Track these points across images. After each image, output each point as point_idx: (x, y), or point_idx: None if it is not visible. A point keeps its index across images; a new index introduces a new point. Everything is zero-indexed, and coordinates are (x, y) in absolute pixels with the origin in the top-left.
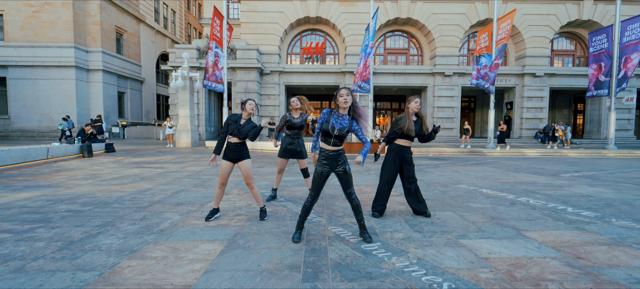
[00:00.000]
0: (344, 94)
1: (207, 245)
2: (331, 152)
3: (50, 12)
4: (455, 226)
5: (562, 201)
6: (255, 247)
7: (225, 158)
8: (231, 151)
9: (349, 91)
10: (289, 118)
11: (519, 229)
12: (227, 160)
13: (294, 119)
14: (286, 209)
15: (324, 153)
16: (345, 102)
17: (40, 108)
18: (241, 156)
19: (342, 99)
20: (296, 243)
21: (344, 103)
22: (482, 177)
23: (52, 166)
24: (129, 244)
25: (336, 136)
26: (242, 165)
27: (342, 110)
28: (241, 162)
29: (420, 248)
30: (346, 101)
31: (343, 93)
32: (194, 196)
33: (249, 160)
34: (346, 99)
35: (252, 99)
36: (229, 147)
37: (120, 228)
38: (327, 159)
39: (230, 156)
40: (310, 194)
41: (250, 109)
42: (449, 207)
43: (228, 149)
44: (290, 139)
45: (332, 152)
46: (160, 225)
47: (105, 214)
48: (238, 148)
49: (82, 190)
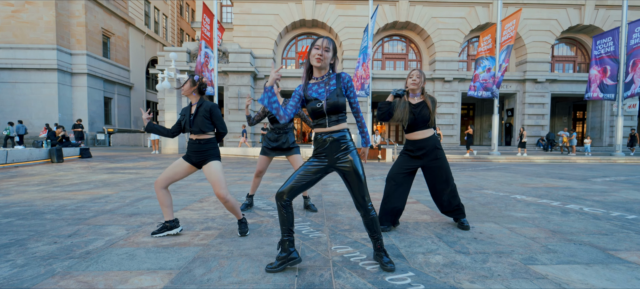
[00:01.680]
0: (320, 46)
1: (143, 278)
2: (328, 136)
3: (31, 12)
4: (509, 243)
5: (625, 208)
6: (219, 281)
7: (185, 158)
8: (192, 150)
9: (329, 41)
10: None
11: (603, 248)
12: (188, 161)
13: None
14: (274, 220)
15: (319, 139)
16: (320, 59)
17: (18, 113)
18: (206, 156)
19: (316, 51)
20: (270, 271)
21: (317, 61)
22: (505, 183)
23: (9, 172)
24: (22, 276)
25: (331, 109)
26: (208, 169)
27: (317, 71)
28: (207, 166)
29: (479, 280)
30: (322, 57)
31: (319, 43)
32: (157, 204)
33: (217, 162)
34: (323, 55)
35: (191, 76)
36: (189, 145)
37: (30, 248)
38: (324, 147)
39: (192, 158)
40: (286, 190)
41: (188, 89)
42: (487, 217)
43: (189, 148)
44: (275, 134)
45: (331, 134)
46: (91, 244)
47: (22, 229)
48: (201, 147)
49: (22, 197)
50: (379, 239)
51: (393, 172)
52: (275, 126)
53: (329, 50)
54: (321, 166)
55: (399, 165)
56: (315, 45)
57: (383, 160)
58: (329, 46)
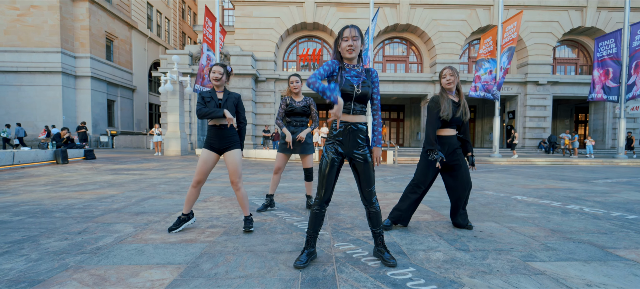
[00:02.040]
0: (349, 36)
1: (153, 272)
2: (351, 126)
3: (36, 16)
4: (509, 241)
5: (626, 209)
6: (226, 275)
7: (207, 147)
8: (216, 137)
9: (357, 29)
10: (289, 102)
11: (602, 246)
12: (211, 150)
13: (295, 103)
14: (277, 219)
15: (339, 127)
16: (351, 50)
17: (24, 115)
18: (230, 144)
19: (346, 43)
20: (299, 267)
21: (349, 52)
22: (506, 184)
23: (16, 172)
24: (37, 269)
25: (359, 98)
26: (229, 156)
27: (347, 60)
28: (229, 153)
29: (478, 276)
30: (353, 47)
31: (347, 34)
32: (163, 203)
33: (239, 150)
34: (353, 44)
35: (222, 65)
36: (213, 133)
37: (42, 244)
38: (346, 135)
39: (214, 145)
40: (319, 194)
41: (215, 80)
42: (488, 217)
43: (212, 135)
44: (292, 128)
45: (353, 125)
46: (100, 241)
47: (34, 226)
48: (226, 134)
49: (30, 197)
50: (380, 235)
51: (421, 180)
52: (293, 121)
53: (358, 39)
54: (338, 160)
55: (426, 172)
56: (344, 37)
57: (384, 162)
58: (357, 35)
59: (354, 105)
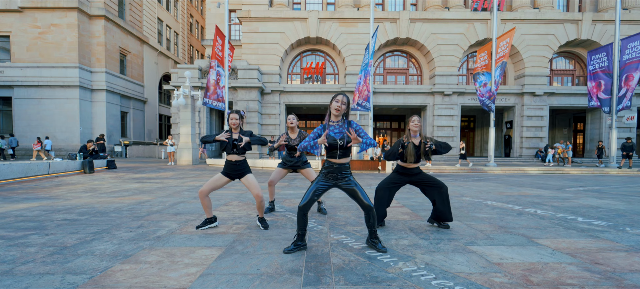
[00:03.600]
0: (340, 100)
1: (204, 251)
2: (337, 165)
3: (56, 33)
4: (462, 234)
5: (572, 211)
6: (255, 252)
7: (225, 174)
8: (232, 169)
9: (346, 97)
10: (286, 138)
11: (530, 237)
12: (227, 177)
13: (292, 140)
14: (287, 218)
15: (329, 167)
16: (338, 110)
17: (44, 127)
18: (242, 172)
19: (336, 104)
20: (288, 252)
21: (336, 111)
22: (485, 191)
23: (53, 181)
24: (123, 249)
25: (342, 147)
26: (247, 180)
27: (334, 117)
28: (245, 178)
29: (428, 253)
30: (339, 109)
31: (339, 99)
32: (192, 206)
33: (252, 174)
34: (340, 107)
35: (236, 111)
36: (229, 165)
37: (116, 235)
38: (333, 171)
39: (230, 174)
40: (304, 203)
41: (233, 124)
42: (455, 218)
43: (227, 166)
44: (289, 158)
45: (338, 165)
46: (157, 232)
47: (101, 223)
48: (239, 166)
49: (81, 201)
50: (375, 230)
51: (383, 184)
52: (291, 153)
53: (345, 104)
54: (328, 185)
55: (389, 180)
56: (336, 99)
57: (383, 171)
58: (345, 101)
59: (339, 152)
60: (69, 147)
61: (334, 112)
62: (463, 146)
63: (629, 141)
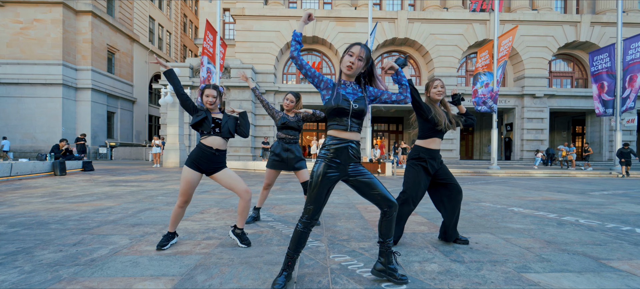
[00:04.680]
0: (354, 53)
1: (147, 284)
2: (345, 144)
3: (39, 29)
4: (504, 253)
5: (621, 220)
6: (220, 287)
7: (193, 167)
8: (208, 160)
9: (366, 50)
10: (282, 116)
11: (596, 257)
12: (197, 170)
13: (290, 118)
14: (274, 230)
15: (333, 146)
16: (351, 68)
17: (23, 127)
18: (219, 165)
19: (349, 59)
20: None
21: (348, 69)
22: (503, 196)
23: (13, 184)
24: (29, 282)
25: (355, 113)
26: (224, 175)
27: (346, 77)
28: (221, 173)
29: (472, 287)
30: (352, 66)
31: (355, 51)
32: (159, 215)
33: (229, 168)
34: (353, 64)
35: (214, 87)
36: (204, 153)
37: (36, 256)
38: (340, 154)
39: (202, 166)
40: (307, 210)
41: (209, 103)
42: (484, 229)
43: (202, 155)
44: (285, 144)
45: (347, 143)
46: (95, 252)
47: (28, 238)
48: (217, 158)
49: (26, 209)
50: (389, 248)
51: (412, 194)
52: (287, 135)
53: (362, 59)
54: (333, 177)
55: (418, 184)
56: (350, 52)
57: (382, 174)
58: (363, 56)
59: (351, 121)
60: (50, 148)
61: (345, 70)
62: (405, 145)
63: (627, 147)
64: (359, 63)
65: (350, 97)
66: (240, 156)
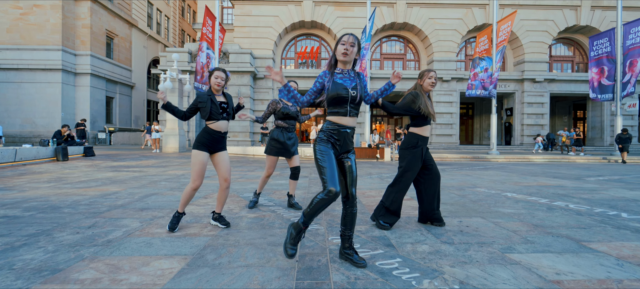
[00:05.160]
0: (346, 42)
1: (162, 262)
2: (345, 129)
3: (39, 15)
4: (492, 235)
5: (609, 205)
6: (229, 265)
7: (204, 149)
8: (216, 142)
9: (354, 38)
10: (283, 106)
11: (578, 239)
12: (206, 151)
13: (290, 107)
14: (275, 214)
15: (334, 129)
16: (346, 54)
17: (23, 113)
18: (223, 146)
19: (342, 47)
20: (291, 256)
21: (344, 55)
22: (499, 181)
23: (18, 169)
24: (55, 260)
25: (353, 100)
26: (223, 157)
27: (342, 64)
28: (222, 153)
29: (459, 265)
30: (347, 52)
31: (346, 39)
32: (165, 200)
33: (227, 151)
34: (348, 50)
35: (223, 70)
36: (214, 137)
37: (56, 237)
38: (340, 137)
39: (212, 148)
40: (325, 186)
41: (217, 85)
42: (475, 213)
43: (212, 139)
44: (286, 133)
45: (347, 128)
46: (110, 234)
47: (46, 221)
48: (223, 139)
49: (36, 194)
50: (350, 237)
51: (411, 178)
52: (288, 123)
53: (354, 45)
54: (333, 154)
55: (417, 169)
56: (342, 41)
57: (381, 159)
58: (354, 42)
59: (350, 107)
60: (50, 133)
61: (341, 58)
62: (399, 131)
63: (625, 133)
64: (352, 49)
65: (347, 85)
66: (239, 141)
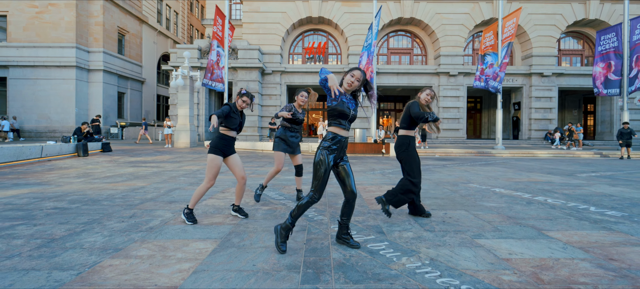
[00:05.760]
0: (355, 76)
1: (198, 244)
2: (344, 139)
3: (54, 13)
4: (469, 225)
5: (583, 200)
6: (251, 246)
7: (219, 154)
8: (229, 146)
9: (363, 75)
10: (294, 111)
11: (540, 228)
12: (221, 155)
13: (299, 114)
14: (286, 207)
15: (334, 140)
16: (351, 85)
17: (39, 108)
18: (234, 149)
19: (350, 78)
20: (284, 252)
21: (348, 86)
22: (493, 177)
23: (45, 165)
24: (113, 242)
25: (351, 118)
26: (236, 159)
27: (345, 90)
28: (235, 156)
29: (433, 247)
30: (352, 84)
31: (356, 74)
32: (188, 194)
33: (237, 155)
34: (353, 83)
35: (250, 97)
36: (227, 142)
37: (107, 225)
38: (338, 145)
39: (226, 151)
40: (316, 193)
41: (244, 106)
42: (461, 206)
43: (226, 143)
44: (298, 133)
45: (344, 138)
46: (150, 223)
47: (92, 212)
48: (233, 142)
49: (73, 188)
50: (347, 222)
51: (416, 174)
52: (294, 127)
53: (360, 80)
54: (331, 163)
55: (416, 158)
56: (352, 73)
57: (387, 154)
58: (360, 78)
59: (348, 123)
60: (64, 128)
61: (346, 86)
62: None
63: (626, 127)
64: (356, 83)
65: (351, 106)
66: (247, 137)
